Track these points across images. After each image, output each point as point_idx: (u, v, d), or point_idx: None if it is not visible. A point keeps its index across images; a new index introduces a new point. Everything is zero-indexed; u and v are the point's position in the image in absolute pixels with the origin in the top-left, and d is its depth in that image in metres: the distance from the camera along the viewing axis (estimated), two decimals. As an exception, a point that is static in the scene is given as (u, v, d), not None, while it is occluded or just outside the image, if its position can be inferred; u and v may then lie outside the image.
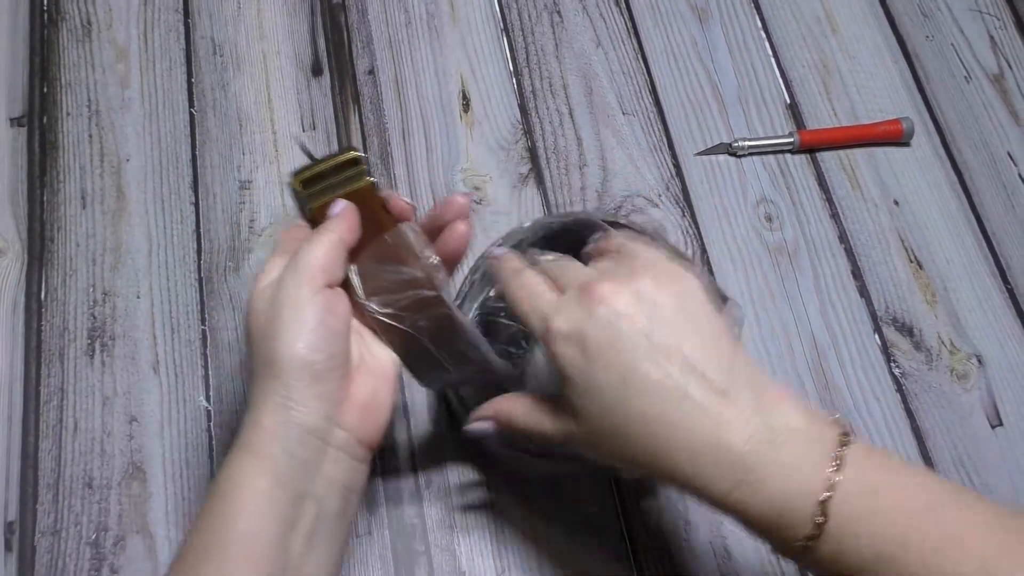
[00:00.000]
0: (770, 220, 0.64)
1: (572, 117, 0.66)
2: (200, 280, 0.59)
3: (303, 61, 0.67)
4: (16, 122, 0.63)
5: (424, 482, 0.55)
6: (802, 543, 0.35)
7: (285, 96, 0.66)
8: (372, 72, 0.67)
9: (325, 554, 0.40)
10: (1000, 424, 0.59)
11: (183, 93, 0.65)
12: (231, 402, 0.56)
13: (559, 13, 0.70)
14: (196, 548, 0.38)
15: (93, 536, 0.52)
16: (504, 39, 0.69)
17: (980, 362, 0.60)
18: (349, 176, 0.46)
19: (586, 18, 0.70)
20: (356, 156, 0.46)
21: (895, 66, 0.70)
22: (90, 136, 0.63)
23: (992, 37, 0.72)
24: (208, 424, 0.55)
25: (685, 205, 0.64)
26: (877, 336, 0.61)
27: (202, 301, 0.59)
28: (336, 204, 0.44)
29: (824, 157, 0.66)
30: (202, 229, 0.61)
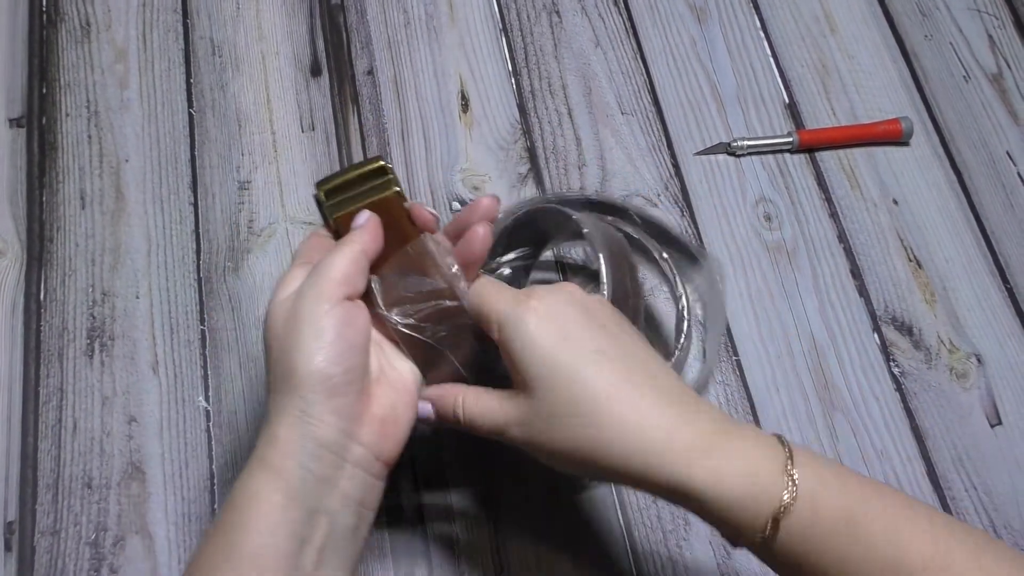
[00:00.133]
0: (769, 220, 0.64)
1: (571, 117, 0.66)
2: (199, 280, 0.59)
3: (302, 62, 0.67)
4: (15, 123, 0.63)
5: (423, 482, 0.55)
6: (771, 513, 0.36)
7: (284, 97, 0.66)
8: (371, 72, 0.67)
9: (337, 570, 0.39)
10: (999, 423, 0.59)
11: (182, 94, 0.65)
12: (230, 402, 0.56)
13: (558, 13, 0.70)
14: (207, 562, 0.38)
15: (92, 536, 0.52)
16: (503, 39, 0.69)
17: (979, 361, 0.60)
18: (375, 186, 0.46)
19: (585, 18, 0.70)
20: (383, 166, 0.46)
21: (894, 66, 0.70)
22: (89, 137, 0.63)
23: (991, 36, 0.72)
24: (207, 424, 0.55)
25: (684, 205, 0.64)
26: (876, 335, 0.61)
27: (201, 301, 0.59)
28: (361, 215, 0.44)
29: (823, 157, 0.66)
30: (201, 229, 0.61)
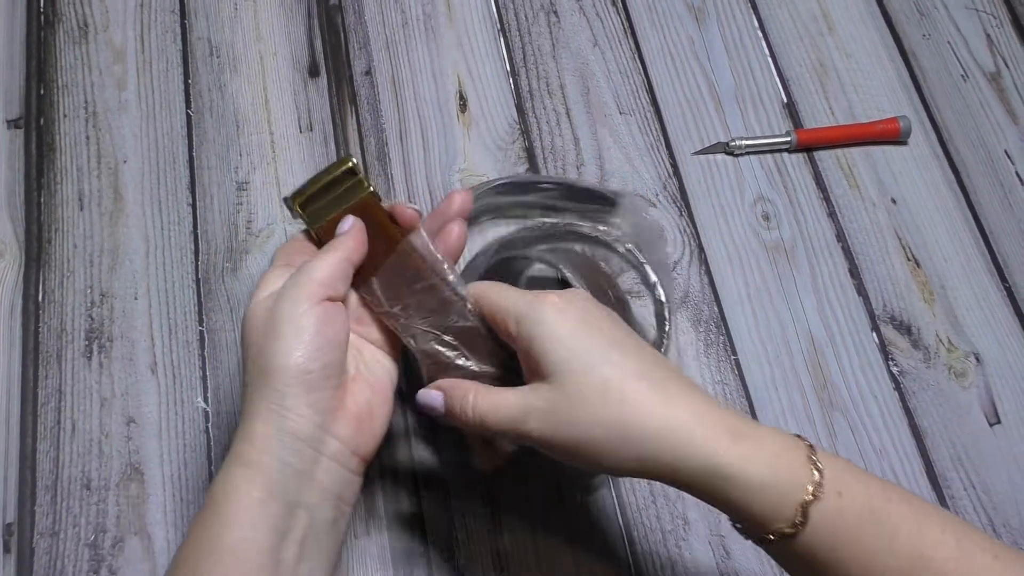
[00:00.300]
0: (767, 219, 0.64)
1: (569, 117, 0.66)
2: (198, 281, 0.59)
3: (300, 62, 0.67)
4: (13, 124, 0.63)
5: (423, 482, 0.55)
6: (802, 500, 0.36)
7: (282, 97, 0.66)
8: (369, 73, 0.67)
9: (317, 563, 0.40)
10: (998, 422, 0.59)
11: (180, 94, 0.65)
12: (229, 403, 0.56)
13: (556, 13, 0.70)
14: (189, 559, 0.38)
15: (91, 537, 0.52)
16: (501, 39, 0.69)
17: (978, 360, 0.60)
18: (349, 187, 0.46)
19: (583, 18, 0.70)
20: (352, 167, 0.46)
21: (892, 65, 0.70)
22: (87, 138, 0.63)
23: (989, 35, 0.72)
24: (206, 425, 0.55)
25: (683, 204, 0.64)
26: (875, 334, 0.61)
27: (200, 302, 0.59)
28: (345, 221, 0.44)
29: (821, 156, 0.66)
30: (199, 230, 0.61)
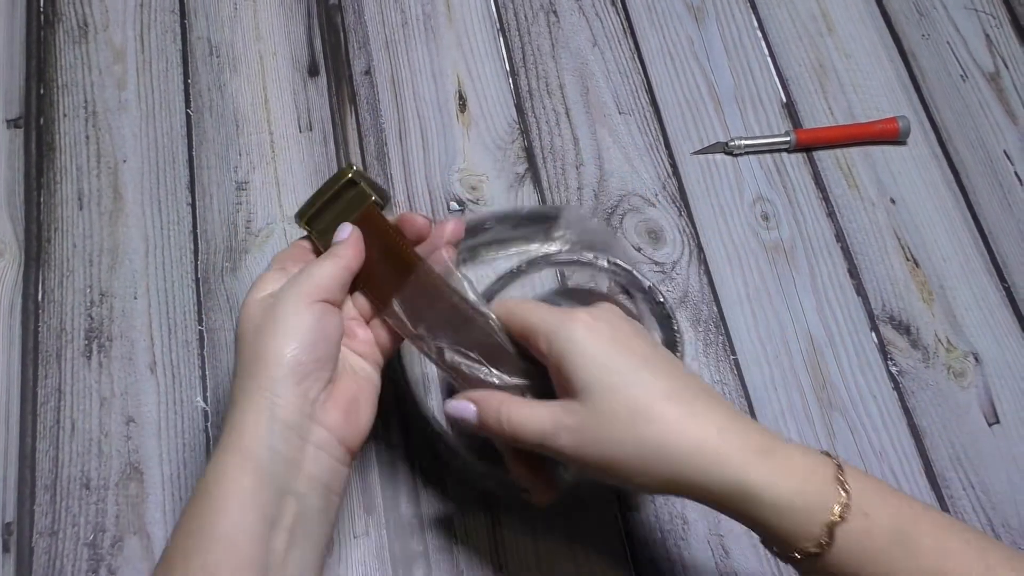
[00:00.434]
0: (767, 219, 0.64)
1: (568, 116, 0.66)
2: (197, 281, 0.59)
3: (299, 62, 0.67)
4: (13, 124, 0.63)
5: (422, 482, 0.55)
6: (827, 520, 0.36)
7: (282, 97, 0.66)
8: (368, 72, 0.67)
9: (307, 551, 0.40)
10: (997, 422, 0.59)
11: (180, 94, 0.65)
12: (228, 402, 0.56)
13: (555, 13, 0.70)
14: (180, 547, 0.39)
15: (91, 537, 0.52)
16: (500, 39, 0.69)
17: (977, 360, 0.61)
18: (352, 198, 0.47)
19: (582, 18, 0.70)
20: (351, 178, 0.47)
21: (891, 65, 0.70)
22: (87, 137, 0.63)
23: (988, 35, 0.72)
24: (205, 424, 0.55)
25: (682, 204, 0.64)
26: (874, 334, 0.61)
27: (199, 302, 0.59)
28: (342, 229, 0.46)
29: (820, 156, 0.66)
30: (199, 230, 0.61)
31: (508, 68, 0.68)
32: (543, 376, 0.43)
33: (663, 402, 0.39)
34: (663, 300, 0.54)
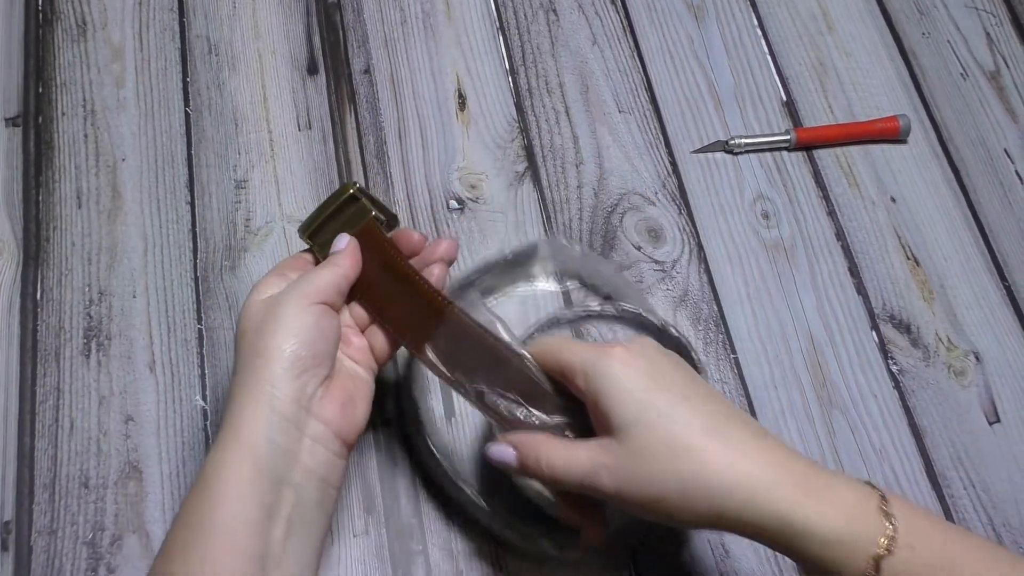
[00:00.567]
0: (767, 217, 0.64)
1: (568, 115, 0.66)
2: (196, 279, 0.59)
3: (299, 60, 0.67)
4: (11, 122, 0.63)
5: (422, 482, 0.54)
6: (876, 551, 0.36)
7: (281, 95, 0.65)
8: (368, 71, 0.67)
9: (305, 542, 0.41)
10: (998, 421, 0.59)
11: (178, 92, 0.65)
12: (227, 399, 0.56)
13: (555, 11, 0.70)
14: (179, 539, 0.39)
15: (89, 535, 0.52)
16: (500, 37, 0.69)
17: (977, 359, 0.60)
18: (353, 213, 0.49)
19: (582, 16, 0.70)
20: (352, 193, 0.49)
21: (891, 63, 0.70)
22: (85, 136, 0.63)
23: (988, 34, 0.72)
24: (204, 423, 0.55)
25: (682, 203, 0.64)
26: (874, 333, 0.61)
27: (198, 300, 0.59)
28: (339, 240, 0.47)
29: (821, 155, 0.66)
30: (198, 228, 0.61)
31: (508, 66, 0.68)
32: (582, 412, 0.43)
33: (702, 437, 0.38)
34: (678, 334, 0.55)
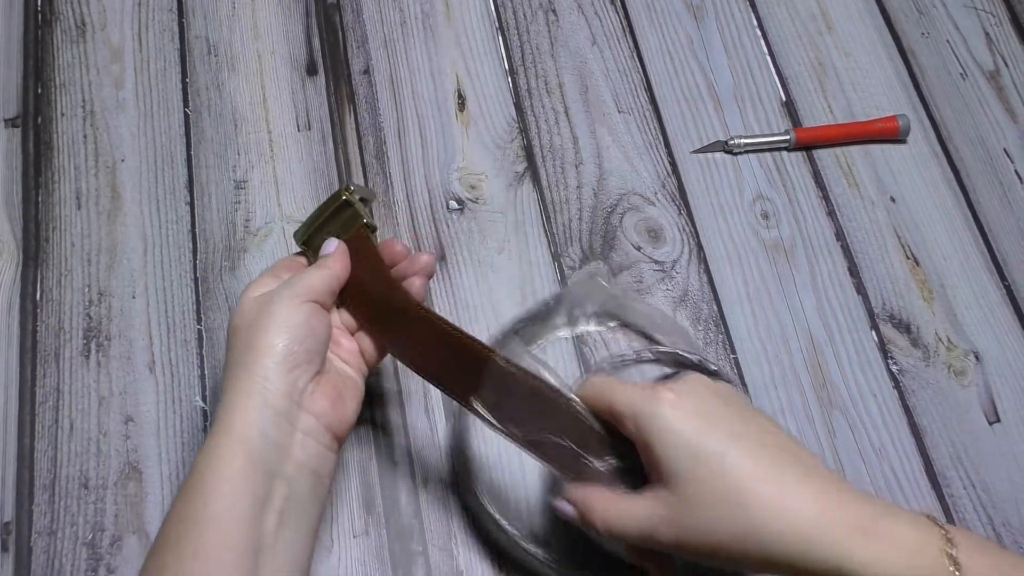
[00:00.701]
0: (767, 217, 0.64)
1: (568, 115, 0.66)
2: (196, 280, 0.59)
3: (298, 61, 0.67)
4: (11, 123, 0.63)
5: (421, 482, 0.54)
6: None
7: (280, 96, 0.65)
8: (367, 72, 0.67)
9: (297, 533, 0.42)
10: (998, 420, 0.59)
11: (178, 93, 0.65)
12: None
13: (554, 12, 0.70)
14: (173, 533, 0.40)
15: (89, 536, 0.52)
16: (499, 38, 0.69)
17: (977, 358, 0.60)
18: (347, 218, 0.50)
19: (581, 16, 0.70)
20: (346, 199, 0.50)
21: (891, 63, 0.70)
22: (85, 136, 0.63)
23: (988, 34, 0.72)
24: (204, 424, 0.55)
25: (681, 203, 0.64)
26: (874, 333, 0.61)
27: (198, 301, 0.59)
28: (329, 243, 0.49)
29: (820, 155, 0.66)
30: (197, 229, 0.61)
31: (507, 67, 0.68)
32: (635, 451, 0.42)
33: (753, 483, 0.38)
34: (716, 369, 0.55)
